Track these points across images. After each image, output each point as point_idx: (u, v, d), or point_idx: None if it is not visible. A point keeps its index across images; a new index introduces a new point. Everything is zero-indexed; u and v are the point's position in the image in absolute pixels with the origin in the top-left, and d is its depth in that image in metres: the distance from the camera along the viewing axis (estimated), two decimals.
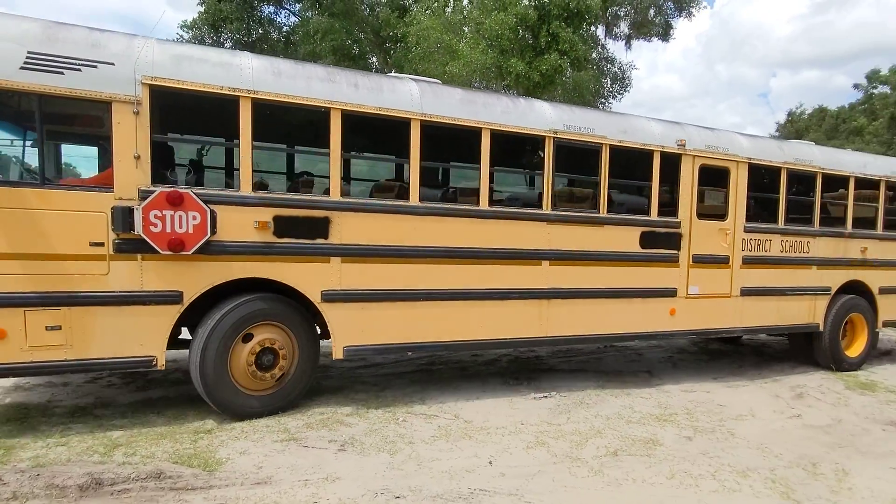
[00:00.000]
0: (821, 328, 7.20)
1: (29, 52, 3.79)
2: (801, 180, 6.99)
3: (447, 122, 5.01)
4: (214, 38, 25.86)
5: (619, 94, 24.69)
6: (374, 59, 24.81)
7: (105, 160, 4.46)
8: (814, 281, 7.08)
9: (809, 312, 7.11)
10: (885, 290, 7.66)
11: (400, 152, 4.94)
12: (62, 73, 3.87)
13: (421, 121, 4.89)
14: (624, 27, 25.16)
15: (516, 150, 6.12)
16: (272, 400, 4.63)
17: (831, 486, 4.01)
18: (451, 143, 5.42)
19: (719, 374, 7.07)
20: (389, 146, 5.26)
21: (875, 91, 42.37)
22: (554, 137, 5.45)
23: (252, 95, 4.36)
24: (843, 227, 7.27)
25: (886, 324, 7.90)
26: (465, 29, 18.78)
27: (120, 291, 4.10)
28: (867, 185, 7.45)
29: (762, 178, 6.64)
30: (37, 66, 3.80)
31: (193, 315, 4.41)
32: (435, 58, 17.36)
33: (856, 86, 46.60)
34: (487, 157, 5.16)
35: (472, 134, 5.13)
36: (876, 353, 8.38)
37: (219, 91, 4.27)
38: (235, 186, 4.45)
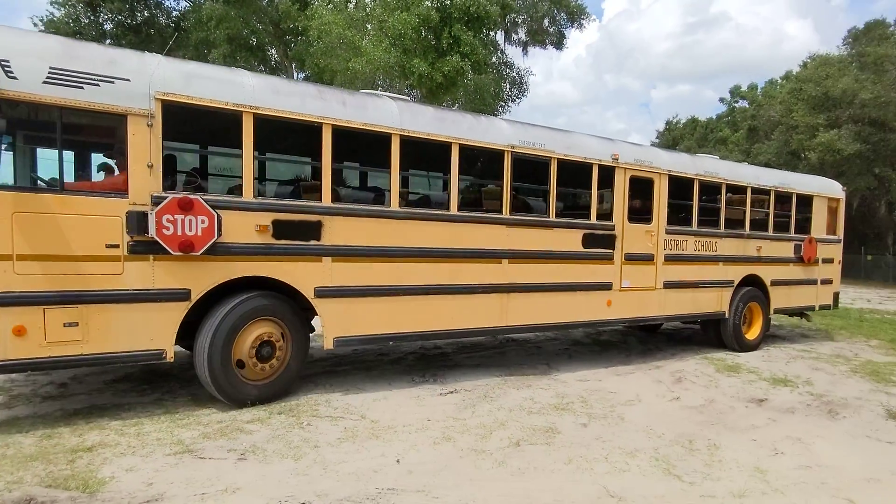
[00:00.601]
0: (726, 315, 8.53)
1: (51, 68, 4.17)
2: (710, 190, 8.27)
3: (422, 136, 5.75)
4: (92, 17, 24.06)
5: (517, 98, 26.36)
6: (274, 52, 24.37)
7: (117, 167, 4.76)
8: (720, 275, 8.38)
9: (717, 302, 8.39)
10: (775, 283, 9.14)
11: (382, 163, 5.60)
12: (82, 88, 4.27)
13: (400, 135, 5.57)
14: (521, 34, 26.93)
15: (480, 161, 6.88)
16: (269, 388, 5.14)
17: (705, 459, 4.52)
18: (425, 155, 6.10)
19: (610, 363, 7.82)
20: (373, 157, 5.87)
21: (737, 105, 48.53)
22: (511, 151, 6.29)
23: (253, 110, 4.87)
24: (743, 229, 8.63)
25: (776, 311, 9.34)
26: (369, 26, 19.34)
27: (133, 290, 4.52)
28: (760, 193, 8.85)
29: (679, 187, 7.80)
30: (58, 81, 4.19)
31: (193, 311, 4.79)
32: (337, 53, 17.56)
33: (721, 100, 53.30)
34: (456, 168, 5.93)
35: (444, 147, 5.86)
36: None
37: (224, 106, 4.77)
38: (239, 193, 4.89)
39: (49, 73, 4.19)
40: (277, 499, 3.47)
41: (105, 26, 23.81)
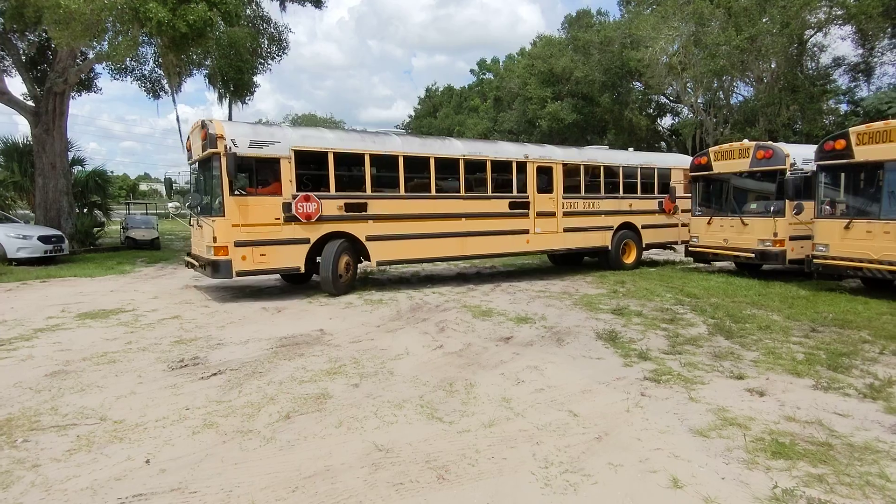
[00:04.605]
0: (609, 248, 14.33)
1: (250, 140, 9.84)
2: (593, 170, 14.03)
3: (414, 154, 11.46)
4: None
5: (276, 55, 25.82)
6: None
7: (274, 181, 10.38)
8: (604, 223, 14.33)
9: (602, 240, 14.29)
10: (645, 226, 15.19)
11: (393, 169, 11.30)
12: (262, 148, 9.96)
13: (403, 155, 11.22)
14: None
15: (446, 165, 12.56)
16: (347, 286, 10.81)
17: (463, 398, 4.99)
18: (416, 164, 11.77)
19: (382, 321, 8.66)
20: (389, 167, 11.54)
21: (484, 77, 55.51)
22: (464, 158, 12.03)
23: (332, 150, 10.55)
24: (618, 192, 14.41)
25: (649, 245, 15.25)
26: None
27: (286, 238, 10.39)
28: (630, 169, 14.60)
29: (571, 170, 13.54)
30: (253, 146, 9.88)
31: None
32: None
33: (472, 71, 60.69)
34: (433, 170, 11.70)
35: (426, 159, 11.57)
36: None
37: (320, 149, 10.46)
38: (328, 189, 10.56)
39: (249, 143, 9.86)
40: None
41: None
